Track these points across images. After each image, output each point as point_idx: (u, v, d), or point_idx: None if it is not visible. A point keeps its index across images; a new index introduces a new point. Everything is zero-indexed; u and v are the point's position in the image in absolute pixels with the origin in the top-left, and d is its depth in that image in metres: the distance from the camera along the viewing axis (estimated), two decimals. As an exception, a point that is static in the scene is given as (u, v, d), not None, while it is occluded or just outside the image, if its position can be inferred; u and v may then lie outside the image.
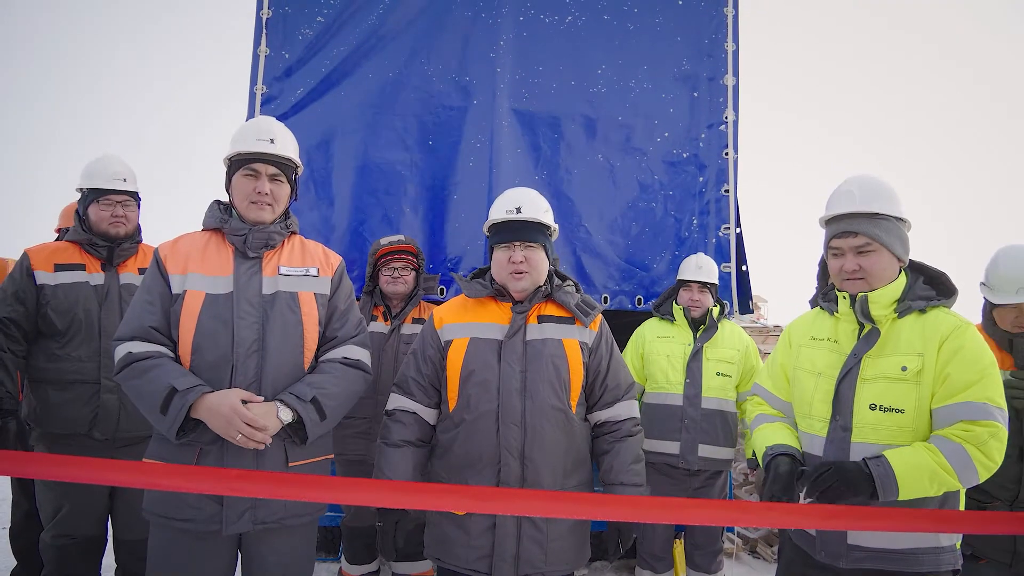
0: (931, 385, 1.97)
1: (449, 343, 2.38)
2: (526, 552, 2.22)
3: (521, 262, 2.32)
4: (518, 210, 2.36)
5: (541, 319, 2.38)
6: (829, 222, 2.17)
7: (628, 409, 2.44)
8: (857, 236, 2.06)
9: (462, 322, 2.40)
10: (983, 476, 1.89)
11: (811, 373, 2.20)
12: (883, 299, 2.06)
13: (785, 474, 2.08)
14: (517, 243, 2.34)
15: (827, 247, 2.18)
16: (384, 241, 3.49)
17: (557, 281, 2.46)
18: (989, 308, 2.78)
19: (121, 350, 2.10)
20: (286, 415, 2.09)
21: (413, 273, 3.46)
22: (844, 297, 2.13)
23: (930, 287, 2.14)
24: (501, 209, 2.39)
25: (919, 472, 1.87)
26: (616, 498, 2.14)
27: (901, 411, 1.99)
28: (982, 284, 2.81)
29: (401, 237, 3.52)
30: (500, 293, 2.40)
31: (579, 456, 2.36)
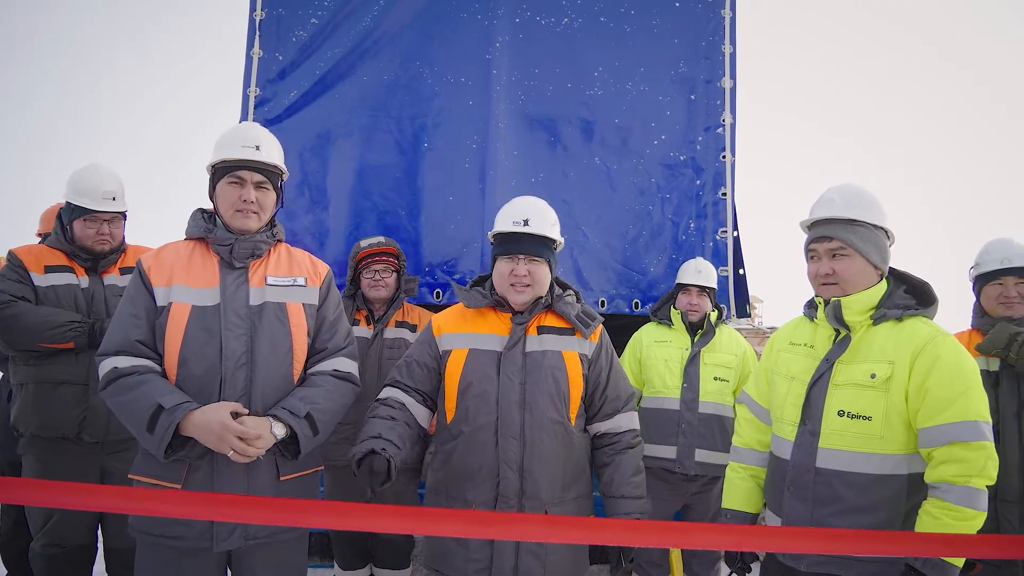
0: (902, 394, 1.97)
1: (448, 353, 2.35)
2: (524, 565, 2.19)
3: (524, 276, 2.29)
4: (525, 222, 2.32)
5: (541, 330, 2.34)
6: (809, 228, 2.20)
7: (628, 420, 2.42)
8: (832, 240, 2.09)
9: (461, 332, 2.37)
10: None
11: (785, 377, 2.23)
12: (857, 305, 2.07)
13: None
14: (521, 256, 2.30)
15: (806, 251, 2.21)
16: (364, 243, 3.43)
17: (558, 291, 2.42)
18: (978, 296, 2.94)
19: (106, 365, 2.04)
20: (280, 430, 2.05)
21: (394, 275, 3.40)
22: (821, 302, 2.15)
23: (911, 296, 2.15)
24: (508, 220, 2.35)
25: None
26: (617, 522, 2.13)
27: (868, 418, 1.99)
28: (971, 269, 2.98)
29: (381, 239, 3.46)
30: (500, 303, 2.36)
31: (578, 468, 2.34)
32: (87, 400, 2.85)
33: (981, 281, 2.94)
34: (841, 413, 2.02)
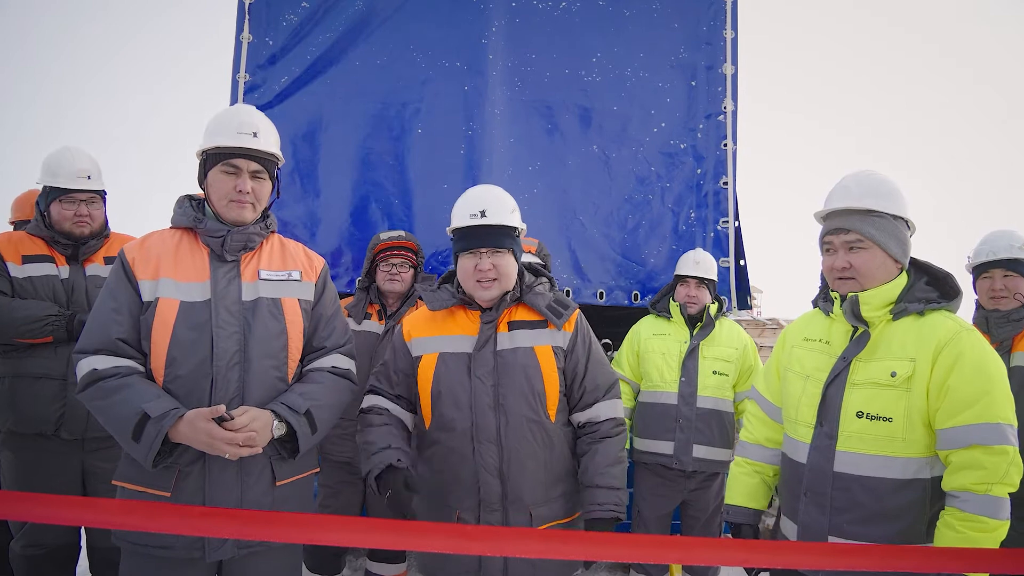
0: (923, 393, 1.86)
1: (419, 359, 2.26)
2: (514, 566, 2.12)
3: (489, 270, 2.18)
4: (483, 214, 2.19)
5: (512, 326, 2.24)
6: (825, 219, 2.08)
7: (608, 409, 2.29)
8: (848, 233, 1.98)
9: (430, 336, 2.27)
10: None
11: (799, 375, 2.12)
12: (875, 300, 1.95)
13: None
14: (484, 250, 2.18)
15: (821, 244, 2.10)
16: (384, 236, 3.36)
17: (529, 279, 2.32)
18: (975, 290, 2.94)
19: (84, 365, 1.93)
20: (279, 429, 1.96)
21: (411, 271, 3.33)
22: (837, 297, 2.04)
23: (933, 288, 2.03)
24: (464, 213, 2.22)
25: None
26: (618, 537, 2.00)
27: (889, 420, 1.88)
28: (967, 262, 2.97)
29: (401, 233, 3.39)
30: (467, 302, 2.26)
31: (563, 465, 2.25)
32: (65, 396, 2.76)
33: (975, 275, 2.90)
34: (860, 414, 1.91)
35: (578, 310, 2.32)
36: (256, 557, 2.01)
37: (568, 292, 3.81)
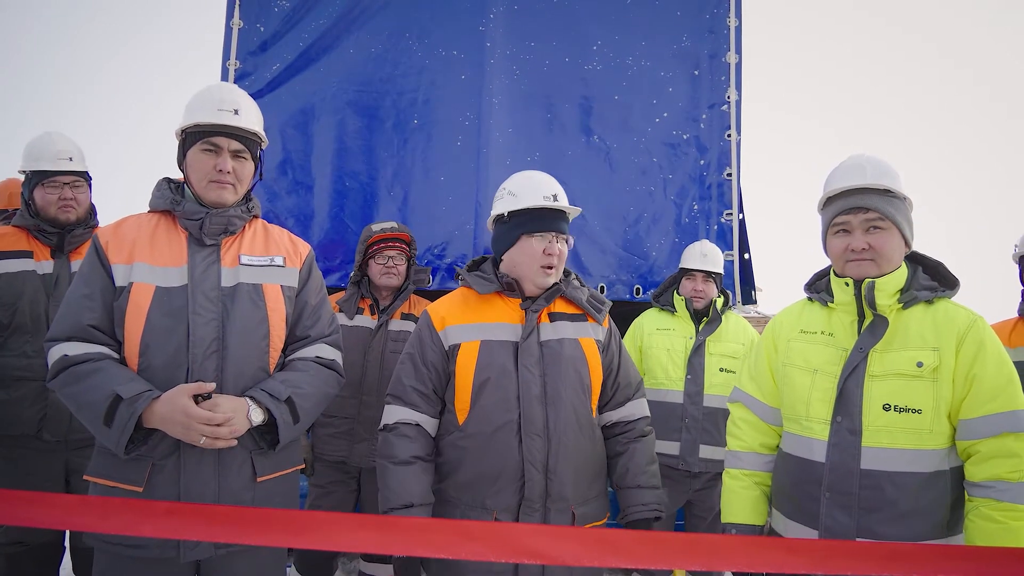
0: (949, 383, 1.79)
1: (456, 347, 2.12)
2: (552, 572, 2.02)
3: (559, 255, 2.13)
4: (555, 197, 2.15)
5: (553, 317, 2.17)
6: (834, 199, 1.96)
7: (640, 408, 2.30)
8: (868, 212, 1.88)
9: (469, 323, 2.15)
10: None
11: (804, 370, 2.00)
12: (889, 287, 1.87)
13: None
14: (555, 234, 2.13)
15: (830, 226, 1.97)
16: (376, 227, 3.24)
17: (561, 275, 2.26)
18: (1022, 280, 2.90)
19: (55, 352, 1.83)
20: (257, 416, 1.85)
21: (406, 263, 3.23)
22: (847, 283, 1.92)
23: (930, 277, 1.98)
24: (535, 194, 2.15)
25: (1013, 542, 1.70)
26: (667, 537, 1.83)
27: (918, 411, 1.80)
28: (1014, 250, 2.91)
29: (394, 224, 3.27)
30: (509, 287, 2.17)
31: (599, 462, 2.21)
32: (46, 397, 2.65)
33: (1022, 266, 2.84)
34: (887, 407, 1.83)
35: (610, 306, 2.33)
36: (237, 556, 1.89)
37: None
